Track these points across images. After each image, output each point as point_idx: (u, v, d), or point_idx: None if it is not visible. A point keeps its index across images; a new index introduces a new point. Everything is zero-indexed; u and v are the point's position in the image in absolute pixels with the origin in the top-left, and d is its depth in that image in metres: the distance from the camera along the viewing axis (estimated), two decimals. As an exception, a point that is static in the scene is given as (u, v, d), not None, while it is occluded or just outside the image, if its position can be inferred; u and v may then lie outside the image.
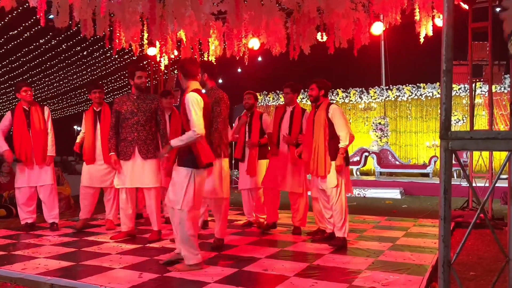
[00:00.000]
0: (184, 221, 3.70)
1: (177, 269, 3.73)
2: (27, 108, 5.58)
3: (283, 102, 5.77)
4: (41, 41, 12.77)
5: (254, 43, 7.47)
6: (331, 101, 4.84)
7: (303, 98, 15.48)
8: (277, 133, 5.39)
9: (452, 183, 1.73)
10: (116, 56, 13.77)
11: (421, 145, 14.61)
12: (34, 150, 5.51)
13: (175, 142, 3.74)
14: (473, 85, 6.82)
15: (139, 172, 4.88)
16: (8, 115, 5.66)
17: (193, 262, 3.74)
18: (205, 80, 4.44)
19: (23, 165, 5.53)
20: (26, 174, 5.54)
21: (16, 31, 11.77)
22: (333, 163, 4.60)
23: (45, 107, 5.75)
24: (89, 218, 5.76)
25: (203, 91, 4.18)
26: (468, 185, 7.43)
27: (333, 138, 4.63)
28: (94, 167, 5.51)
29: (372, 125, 14.49)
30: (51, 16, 5.84)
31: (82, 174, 5.59)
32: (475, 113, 9.09)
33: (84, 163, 5.57)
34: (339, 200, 4.60)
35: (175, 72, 10.19)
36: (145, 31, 7.22)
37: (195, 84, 3.87)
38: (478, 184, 7.16)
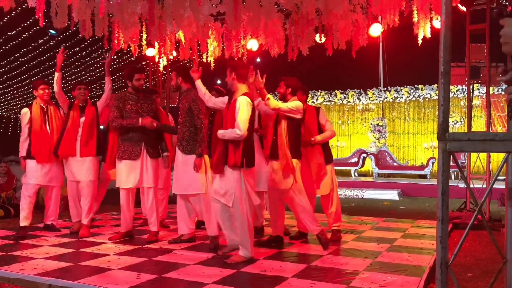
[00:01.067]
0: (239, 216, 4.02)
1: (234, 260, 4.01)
2: (44, 107, 5.49)
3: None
4: (39, 41, 12.74)
5: (252, 44, 7.48)
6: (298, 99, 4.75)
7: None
8: None
9: (450, 184, 1.74)
10: (115, 57, 13.77)
11: (419, 147, 14.63)
12: (52, 149, 5.42)
13: (220, 133, 4.06)
14: (471, 86, 6.85)
15: (145, 171, 4.91)
16: (26, 113, 5.44)
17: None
18: (179, 83, 4.73)
19: (38, 163, 5.37)
20: (41, 172, 5.40)
21: (14, 32, 11.75)
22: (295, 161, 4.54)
23: (60, 108, 5.66)
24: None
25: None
26: (466, 186, 7.45)
27: (291, 134, 4.55)
28: (75, 162, 5.37)
29: (370, 126, 14.51)
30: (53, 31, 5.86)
31: (65, 170, 5.46)
32: (473, 114, 9.10)
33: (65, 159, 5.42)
34: (295, 201, 4.53)
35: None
36: (144, 32, 7.22)
37: (244, 87, 4.18)
38: (476, 186, 7.17)
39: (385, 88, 14.90)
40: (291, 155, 4.49)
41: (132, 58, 12.49)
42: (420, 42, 6.40)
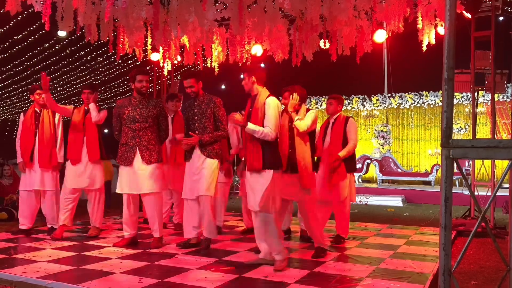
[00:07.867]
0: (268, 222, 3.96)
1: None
2: (38, 111, 5.54)
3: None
4: (45, 45, 12.83)
5: (257, 50, 7.49)
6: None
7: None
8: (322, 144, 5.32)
9: (454, 191, 1.73)
10: (120, 61, 13.83)
11: (423, 153, 14.59)
12: (39, 153, 5.42)
13: (252, 126, 3.94)
14: (476, 93, 6.82)
15: (138, 177, 4.76)
16: (21, 117, 5.67)
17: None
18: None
19: (26, 167, 5.46)
20: (29, 177, 5.48)
21: (20, 36, 11.84)
22: None
23: (57, 113, 5.66)
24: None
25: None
26: (470, 193, 7.39)
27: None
28: (79, 167, 5.36)
29: (374, 133, 14.48)
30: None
31: (66, 176, 5.39)
32: (478, 121, 9.07)
33: (69, 164, 5.39)
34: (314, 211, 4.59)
35: (179, 77, 10.24)
36: (148, 37, 7.25)
37: (265, 90, 4.14)
38: (480, 193, 7.14)
39: (390, 94, 14.89)
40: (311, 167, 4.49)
41: (137, 63, 12.54)
42: (424, 48, 6.40)
